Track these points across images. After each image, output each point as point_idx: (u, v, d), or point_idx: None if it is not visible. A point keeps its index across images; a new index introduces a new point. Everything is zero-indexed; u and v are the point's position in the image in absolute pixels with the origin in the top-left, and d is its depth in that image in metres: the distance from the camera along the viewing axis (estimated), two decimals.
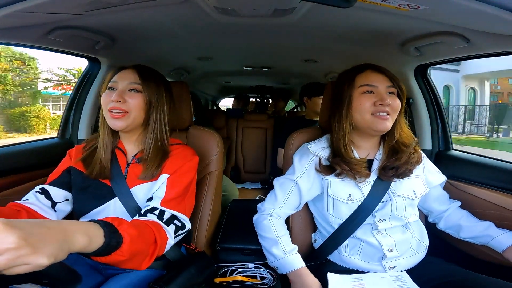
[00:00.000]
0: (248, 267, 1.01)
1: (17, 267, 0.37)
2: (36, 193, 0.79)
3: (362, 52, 1.28)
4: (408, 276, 0.80)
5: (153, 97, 0.82)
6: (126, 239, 0.54)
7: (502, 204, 0.94)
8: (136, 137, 0.86)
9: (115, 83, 0.81)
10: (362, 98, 0.82)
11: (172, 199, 0.77)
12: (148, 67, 0.86)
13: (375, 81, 0.83)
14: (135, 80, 0.81)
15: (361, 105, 0.82)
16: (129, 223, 0.59)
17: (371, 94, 0.82)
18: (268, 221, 0.91)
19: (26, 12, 0.74)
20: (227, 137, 2.61)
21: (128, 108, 0.79)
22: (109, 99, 0.79)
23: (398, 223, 0.86)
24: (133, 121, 0.80)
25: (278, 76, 2.61)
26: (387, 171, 0.84)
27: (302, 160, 0.91)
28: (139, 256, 0.60)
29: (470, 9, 0.68)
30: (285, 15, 0.92)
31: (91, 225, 0.50)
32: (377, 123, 0.81)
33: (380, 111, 0.80)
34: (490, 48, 0.92)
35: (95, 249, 0.49)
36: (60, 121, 1.40)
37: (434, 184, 0.95)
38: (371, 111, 0.81)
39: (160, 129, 0.84)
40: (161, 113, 0.84)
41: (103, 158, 0.83)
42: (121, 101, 0.78)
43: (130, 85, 0.80)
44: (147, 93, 0.81)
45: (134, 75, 0.81)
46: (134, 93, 0.80)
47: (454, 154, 1.25)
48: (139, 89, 0.81)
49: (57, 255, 0.40)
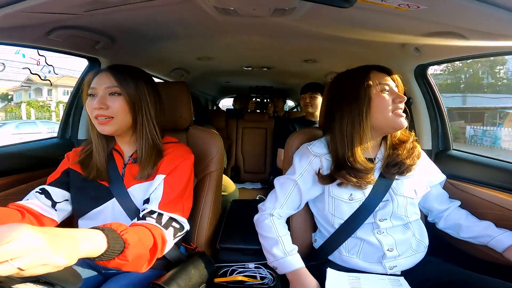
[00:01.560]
0: (248, 267, 1.01)
1: (38, 267, 0.40)
2: (36, 193, 0.79)
3: (362, 52, 1.28)
4: (406, 282, 0.79)
5: (135, 97, 0.79)
6: (128, 244, 0.56)
7: (502, 204, 0.94)
8: (129, 138, 0.86)
9: (94, 89, 0.78)
10: (381, 96, 0.82)
11: (170, 201, 0.77)
12: (123, 66, 0.83)
13: (387, 80, 0.84)
14: (111, 84, 0.78)
15: (383, 103, 0.81)
16: (131, 228, 0.60)
17: (387, 92, 0.83)
18: (269, 221, 0.91)
19: (26, 12, 0.74)
20: (227, 137, 2.61)
21: (112, 113, 0.77)
22: (90, 107, 0.77)
23: (399, 222, 0.86)
24: (120, 125, 0.79)
25: (278, 76, 2.61)
26: (390, 168, 0.84)
27: (302, 160, 0.91)
28: (139, 260, 0.61)
29: (470, 9, 0.68)
30: (285, 15, 0.92)
31: (94, 232, 0.52)
32: (398, 121, 0.82)
33: (399, 108, 0.82)
34: (490, 48, 0.92)
35: (99, 255, 0.51)
36: (60, 121, 1.40)
37: (435, 183, 0.95)
38: (392, 109, 0.82)
39: (150, 128, 0.82)
40: (147, 111, 0.81)
41: (98, 161, 0.83)
42: (104, 107, 0.76)
43: (108, 89, 0.77)
44: (126, 94, 0.78)
45: (110, 78, 0.78)
46: (115, 96, 0.78)
47: (454, 154, 1.25)
48: (118, 92, 0.78)
49: (71, 258, 0.44)
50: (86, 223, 0.83)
